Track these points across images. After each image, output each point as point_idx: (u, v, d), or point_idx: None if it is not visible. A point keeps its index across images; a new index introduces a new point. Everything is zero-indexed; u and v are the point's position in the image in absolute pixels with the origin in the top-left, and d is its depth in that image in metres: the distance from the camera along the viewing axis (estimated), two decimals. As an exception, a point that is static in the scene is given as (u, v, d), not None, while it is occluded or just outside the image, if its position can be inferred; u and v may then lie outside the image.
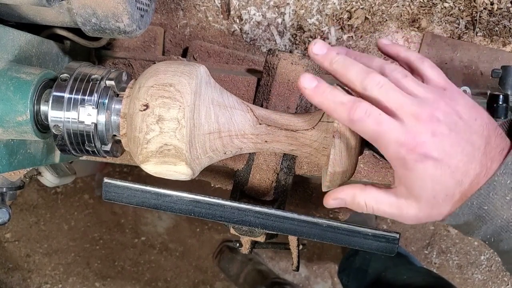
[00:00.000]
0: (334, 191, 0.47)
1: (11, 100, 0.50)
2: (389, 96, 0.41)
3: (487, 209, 0.41)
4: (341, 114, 0.42)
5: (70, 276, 1.61)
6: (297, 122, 0.51)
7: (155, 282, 1.60)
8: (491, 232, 0.42)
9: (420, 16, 0.84)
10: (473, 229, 0.43)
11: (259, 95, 0.69)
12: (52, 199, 1.63)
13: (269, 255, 1.59)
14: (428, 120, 0.40)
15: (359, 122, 0.41)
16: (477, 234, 0.44)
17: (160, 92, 0.47)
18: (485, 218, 0.41)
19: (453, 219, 0.43)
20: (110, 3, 0.52)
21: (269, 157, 0.67)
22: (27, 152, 0.58)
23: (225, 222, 0.53)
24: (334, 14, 0.86)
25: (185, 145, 0.47)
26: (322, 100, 0.43)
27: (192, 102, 0.47)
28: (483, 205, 0.40)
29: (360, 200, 0.46)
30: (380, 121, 0.40)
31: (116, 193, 0.54)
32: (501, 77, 0.67)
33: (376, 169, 0.70)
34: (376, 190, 0.45)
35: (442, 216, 0.43)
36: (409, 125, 0.40)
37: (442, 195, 0.41)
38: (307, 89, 0.44)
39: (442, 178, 0.40)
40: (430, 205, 0.42)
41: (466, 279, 1.54)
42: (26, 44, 0.56)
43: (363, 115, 0.41)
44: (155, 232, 1.63)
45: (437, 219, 0.44)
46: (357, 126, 0.42)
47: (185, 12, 0.90)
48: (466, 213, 0.42)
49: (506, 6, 0.81)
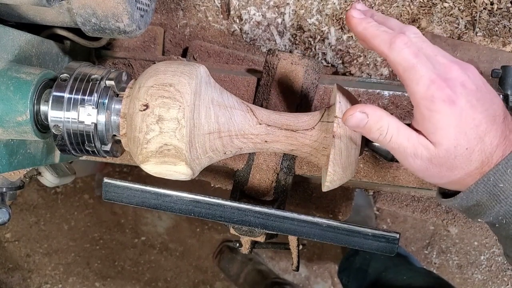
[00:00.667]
0: (361, 105, 0.44)
1: (11, 100, 0.50)
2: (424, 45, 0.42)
3: (502, 187, 0.40)
4: (383, 40, 0.42)
5: (70, 276, 1.61)
6: (297, 122, 0.51)
7: (155, 282, 1.60)
8: (503, 212, 0.41)
9: (420, 16, 0.84)
10: (485, 210, 0.42)
11: (259, 95, 0.69)
12: (52, 199, 1.63)
13: (269, 255, 1.59)
14: (459, 74, 0.41)
15: (399, 50, 0.41)
16: (488, 215, 0.43)
17: (160, 92, 0.47)
18: (500, 197, 0.40)
19: (466, 198, 0.42)
20: (110, 3, 0.52)
21: (269, 157, 0.67)
22: (27, 152, 0.58)
23: (225, 222, 0.54)
24: (334, 14, 0.86)
25: (185, 145, 0.47)
26: (366, 27, 0.44)
27: (192, 102, 0.47)
28: (499, 182, 0.40)
29: (384, 123, 0.43)
30: (418, 54, 0.41)
31: (116, 193, 0.54)
32: (501, 77, 0.67)
33: (376, 169, 0.70)
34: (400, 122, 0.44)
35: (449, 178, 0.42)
36: (441, 71, 0.41)
37: (462, 148, 0.40)
38: (354, 18, 0.45)
39: (467, 128, 0.40)
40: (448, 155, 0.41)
41: (466, 279, 1.54)
42: (26, 44, 0.56)
43: (404, 44, 0.41)
44: (155, 232, 1.63)
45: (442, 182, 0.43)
46: (395, 53, 0.42)
47: (185, 12, 0.90)
48: (481, 190, 0.41)
49: (506, 6, 0.81)
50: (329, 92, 0.72)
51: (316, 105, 0.72)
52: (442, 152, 0.41)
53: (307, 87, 0.68)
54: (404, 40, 0.41)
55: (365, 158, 0.70)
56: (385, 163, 0.70)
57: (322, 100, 0.73)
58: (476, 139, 0.40)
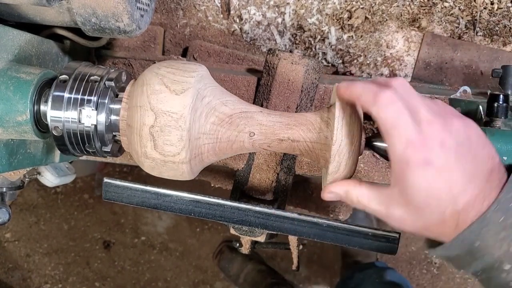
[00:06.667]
0: (330, 185, 0.48)
1: (11, 100, 0.50)
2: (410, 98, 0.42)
3: (478, 245, 0.40)
4: (367, 95, 0.43)
5: (70, 276, 1.60)
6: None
7: (155, 282, 1.60)
8: (481, 268, 0.42)
9: (420, 16, 0.84)
10: (464, 264, 0.43)
11: (259, 95, 0.69)
12: (52, 199, 1.63)
13: (269, 255, 1.59)
14: (441, 129, 0.40)
15: (383, 107, 0.41)
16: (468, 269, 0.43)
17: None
18: (476, 255, 0.41)
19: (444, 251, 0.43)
20: (110, 2, 0.52)
21: (269, 157, 0.67)
22: (27, 152, 0.58)
23: (225, 222, 0.53)
24: (334, 13, 0.86)
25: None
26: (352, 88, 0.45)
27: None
28: (475, 241, 0.40)
29: (353, 196, 0.46)
30: (402, 112, 0.41)
31: (116, 193, 0.54)
32: (501, 77, 0.67)
33: (376, 169, 0.70)
34: (369, 187, 0.46)
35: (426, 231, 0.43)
36: (423, 128, 0.40)
37: (433, 207, 0.41)
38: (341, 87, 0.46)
39: (438, 189, 0.40)
40: (419, 213, 0.42)
41: (466, 279, 1.54)
42: (26, 44, 0.56)
43: (388, 101, 0.41)
44: (155, 232, 1.63)
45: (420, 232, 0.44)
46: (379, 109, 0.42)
47: (185, 12, 0.90)
48: (458, 247, 0.41)
49: (506, 6, 0.81)
50: (329, 92, 0.72)
51: (316, 105, 0.72)
52: (412, 209, 0.42)
53: (307, 87, 0.68)
54: (387, 96, 0.41)
55: (365, 158, 0.70)
56: (385, 163, 0.70)
57: (322, 100, 0.73)
58: (449, 200, 0.40)
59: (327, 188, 0.48)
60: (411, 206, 0.42)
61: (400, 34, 0.86)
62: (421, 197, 0.41)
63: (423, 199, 0.41)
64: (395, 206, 0.43)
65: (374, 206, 0.45)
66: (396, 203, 0.43)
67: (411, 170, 0.40)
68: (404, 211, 0.42)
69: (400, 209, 0.43)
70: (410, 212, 0.42)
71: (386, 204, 0.44)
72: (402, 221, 0.43)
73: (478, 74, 0.85)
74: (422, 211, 0.41)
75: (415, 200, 0.41)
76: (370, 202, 0.45)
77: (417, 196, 0.41)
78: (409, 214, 0.42)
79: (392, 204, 0.43)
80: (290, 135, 0.50)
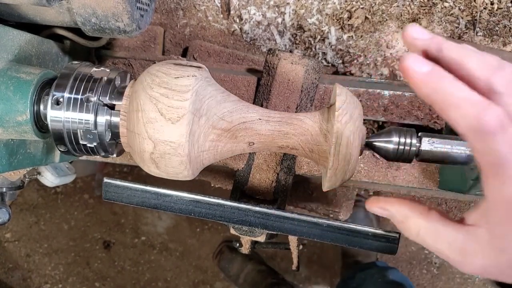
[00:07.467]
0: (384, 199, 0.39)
1: (11, 100, 0.50)
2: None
3: None
4: (466, 114, 0.30)
5: (70, 276, 1.60)
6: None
7: (155, 282, 1.60)
8: None
9: (420, 16, 0.84)
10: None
11: (259, 95, 0.69)
12: (52, 199, 1.63)
13: (269, 255, 1.59)
14: None
15: (489, 135, 0.29)
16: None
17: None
18: None
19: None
20: (110, 2, 0.52)
21: (269, 157, 0.67)
22: (27, 152, 0.58)
23: (225, 222, 0.53)
24: (334, 13, 0.86)
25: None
26: (437, 90, 0.31)
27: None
28: None
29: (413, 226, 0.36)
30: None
31: (116, 193, 0.53)
32: (501, 77, 0.67)
33: (376, 169, 0.70)
34: (439, 220, 0.35)
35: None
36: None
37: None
38: (417, 72, 0.31)
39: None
40: None
41: (466, 279, 1.54)
42: (26, 44, 0.56)
43: (497, 127, 0.29)
44: (155, 232, 1.63)
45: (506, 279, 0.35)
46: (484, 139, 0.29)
47: (185, 12, 0.90)
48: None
49: (506, 6, 0.81)
50: (329, 92, 0.72)
51: (316, 105, 0.72)
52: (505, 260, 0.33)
53: (307, 87, 0.68)
54: (498, 118, 0.29)
55: (365, 158, 0.70)
56: (385, 163, 0.70)
57: (322, 100, 0.73)
58: None
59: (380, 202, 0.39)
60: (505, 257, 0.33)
61: (400, 34, 0.86)
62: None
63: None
64: (478, 253, 0.33)
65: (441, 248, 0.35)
66: (480, 249, 0.33)
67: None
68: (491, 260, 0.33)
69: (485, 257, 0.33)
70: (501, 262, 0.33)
71: (461, 248, 0.34)
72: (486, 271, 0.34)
73: (478, 74, 0.85)
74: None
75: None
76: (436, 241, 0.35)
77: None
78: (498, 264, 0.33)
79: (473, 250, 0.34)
80: (290, 143, 0.51)
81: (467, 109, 0.30)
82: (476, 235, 0.33)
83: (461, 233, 0.34)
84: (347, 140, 0.46)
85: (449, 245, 0.34)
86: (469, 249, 0.34)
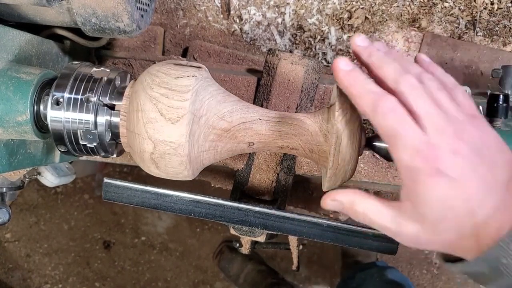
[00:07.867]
0: (334, 192, 0.44)
1: (11, 100, 0.50)
2: (419, 101, 0.38)
3: (506, 262, 0.37)
4: (366, 102, 0.39)
5: (70, 276, 1.60)
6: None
7: (155, 282, 1.60)
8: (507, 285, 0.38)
9: (420, 16, 0.84)
10: (487, 280, 0.40)
11: (259, 95, 0.69)
12: (52, 199, 1.63)
13: (269, 255, 1.59)
14: (452, 136, 0.37)
15: (382, 115, 0.38)
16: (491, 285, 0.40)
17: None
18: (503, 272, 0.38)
19: (466, 268, 0.40)
20: (110, 3, 0.52)
21: (269, 157, 0.67)
22: (27, 152, 0.58)
23: (225, 222, 0.53)
24: (334, 14, 0.86)
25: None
26: (352, 84, 0.41)
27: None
28: (501, 258, 0.37)
29: (359, 208, 0.42)
30: (404, 121, 0.37)
31: (116, 193, 0.54)
32: (501, 77, 0.67)
33: (376, 169, 0.70)
34: (378, 201, 0.42)
35: (443, 248, 0.40)
36: (431, 136, 0.37)
37: (450, 222, 0.37)
38: (341, 70, 0.41)
39: (454, 201, 0.37)
40: (435, 229, 0.38)
41: (466, 279, 1.54)
42: (26, 44, 0.56)
43: (389, 109, 0.38)
44: (155, 232, 1.63)
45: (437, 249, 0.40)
46: (379, 118, 0.39)
47: (185, 12, 0.90)
48: (482, 264, 0.38)
49: (506, 6, 0.81)
50: (329, 92, 0.72)
51: (316, 105, 0.72)
52: (427, 225, 0.38)
53: (307, 87, 0.68)
54: (390, 104, 0.38)
55: (365, 158, 0.70)
56: (385, 163, 0.70)
57: (322, 100, 0.73)
58: (466, 214, 0.37)
59: (330, 195, 0.44)
60: (425, 222, 0.38)
61: (400, 34, 0.86)
62: (436, 211, 0.37)
63: (438, 214, 0.37)
64: (408, 223, 0.39)
65: (382, 222, 0.41)
66: (409, 219, 0.39)
67: (423, 181, 0.37)
68: (417, 227, 0.39)
69: (413, 225, 0.39)
70: (424, 228, 0.38)
71: (397, 221, 0.40)
72: (416, 239, 0.40)
73: (478, 74, 0.85)
74: (438, 227, 0.38)
75: (429, 214, 0.38)
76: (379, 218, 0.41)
77: (431, 210, 0.37)
78: (423, 230, 0.39)
79: (404, 221, 0.39)
80: (289, 143, 0.51)
81: (369, 97, 0.39)
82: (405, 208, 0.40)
83: (395, 209, 0.41)
84: (347, 140, 0.46)
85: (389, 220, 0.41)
86: (402, 221, 0.40)
